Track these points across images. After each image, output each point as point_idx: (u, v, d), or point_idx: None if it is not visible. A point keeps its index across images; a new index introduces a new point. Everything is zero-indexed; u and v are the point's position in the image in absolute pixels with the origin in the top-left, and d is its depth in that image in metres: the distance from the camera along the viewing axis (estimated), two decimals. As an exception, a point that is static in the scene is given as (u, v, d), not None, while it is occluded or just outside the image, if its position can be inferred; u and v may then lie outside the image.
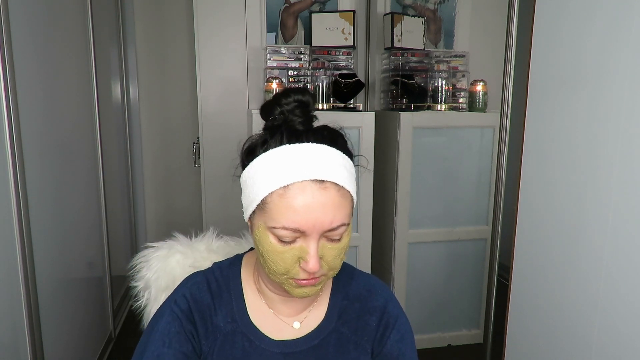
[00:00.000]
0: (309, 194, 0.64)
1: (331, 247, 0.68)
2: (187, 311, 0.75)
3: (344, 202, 0.67)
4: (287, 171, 0.65)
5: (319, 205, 0.64)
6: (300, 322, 0.78)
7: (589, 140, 1.12)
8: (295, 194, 0.64)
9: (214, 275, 0.79)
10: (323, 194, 0.65)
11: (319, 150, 0.67)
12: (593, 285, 1.11)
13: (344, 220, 0.67)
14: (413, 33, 2.31)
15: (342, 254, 0.70)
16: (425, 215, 2.19)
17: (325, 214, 0.65)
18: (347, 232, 0.70)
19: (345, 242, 0.70)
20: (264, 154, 0.68)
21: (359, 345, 0.78)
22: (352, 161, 0.73)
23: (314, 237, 0.66)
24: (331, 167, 0.66)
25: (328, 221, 0.65)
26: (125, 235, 2.79)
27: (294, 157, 0.66)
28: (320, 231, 0.66)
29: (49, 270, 1.51)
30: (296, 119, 0.69)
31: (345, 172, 0.68)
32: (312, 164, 0.65)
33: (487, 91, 2.22)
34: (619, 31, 1.03)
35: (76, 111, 1.89)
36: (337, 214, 0.66)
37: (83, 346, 1.87)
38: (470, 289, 2.31)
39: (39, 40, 1.50)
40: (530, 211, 1.34)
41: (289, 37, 2.45)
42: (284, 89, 0.73)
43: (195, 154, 2.55)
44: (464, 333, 2.33)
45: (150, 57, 2.92)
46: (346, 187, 0.67)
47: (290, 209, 0.64)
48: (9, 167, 1.24)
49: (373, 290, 0.82)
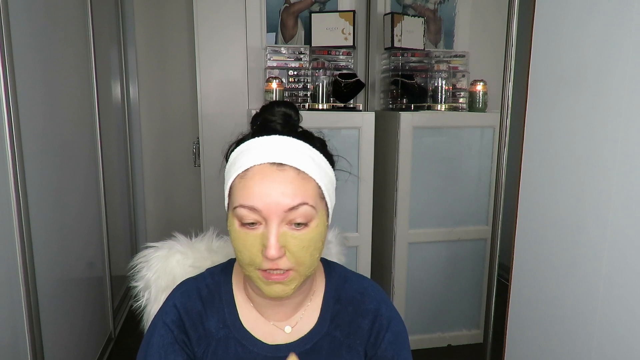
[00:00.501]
0: (266, 175, 0.66)
1: (294, 236, 0.66)
2: (178, 321, 0.75)
3: (306, 184, 0.67)
4: (250, 157, 0.68)
5: (276, 185, 0.65)
6: (292, 327, 0.78)
7: (588, 140, 1.12)
8: (252, 174, 0.66)
9: (204, 282, 0.79)
10: (281, 175, 0.66)
11: (285, 140, 0.69)
12: (593, 286, 1.11)
13: (306, 199, 0.66)
14: (413, 33, 2.31)
15: (309, 246, 0.68)
16: (425, 215, 2.19)
17: (283, 193, 0.65)
18: (316, 224, 0.68)
19: (313, 234, 0.68)
20: (239, 147, 0.72)
21: (351, 348, 0.78)
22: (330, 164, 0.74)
23: (274, 221, 0.65)
24: (293, 154, 0.67)
25: (287, 200, 0.65)
26: (125, 235, 2.80)
27: (259, 145, 0.69)
28: (279, 213, 0.65)
29: (49, 270, 1.51)
30: (276, 120, 0.72)
31: (311, 162, 0.69)
32: (274, 149, 0.67)
33: (487, 91, 2.22)
34: (619, 31, 1.03)
35: (76, 111, 1.89)
36: (298, 193, 0.66)
37: (83, 346, 1.87)
38: (470, 289, 2.31)
39: (39, 40, 1.50)
40: (530, 211, 1.34)
41: (289, 37, 2.45)
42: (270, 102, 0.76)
43: (195, 154, 2.56)
44: (464, 333, 2.33)
45: (150, 57, 2.92)
46: (309, 173, 0.68)
47: (246, 188, 0.66)
48: (9, 167, 1.24)
49: (366, 293, 0.81)
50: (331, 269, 0.84)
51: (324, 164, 0.72)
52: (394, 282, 2.19)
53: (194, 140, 2.63)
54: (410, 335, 0.98)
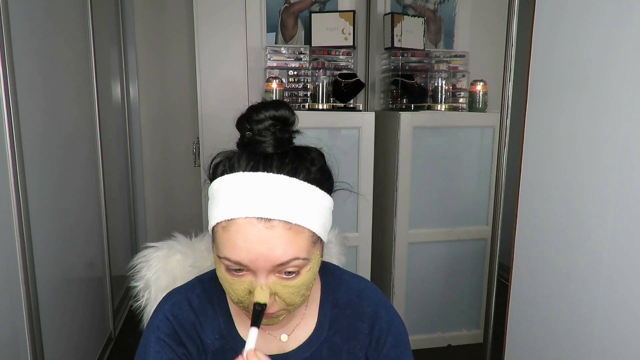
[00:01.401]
0: (252, 231, 0.60)
1: (285, 285, 0.63)
2: (174, 334, 0.72)
3: (296, 238, 0.62)
4: (233, 205, 0.62)
5: (264, 242, 0.60)
6: (288, 335, 0.75)
7: (588, 140, 1.12)
8: (237, 229, 0.61)
9: (194, 292, 0.76)
10: (268, 232, 0.60)
11: (274, 183, 0.61)
12: (593, 285, 1.11)
13: (298, 254, 0.62)
14: (413, 33, 2.31)
15: (301, 290, 0.65)
16: (425, 215, 2.19)
17: (271, 249, 0.60)
18: (308, 268, 0.65)
19: (304, 280, 0.64)
20: (221, 178, 0.64)
21: (351, 353, 0.76)
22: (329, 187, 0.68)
23: (262, 273, 0.62)
24: (282, 203, 0.61)
25: (276, 256, 0.61)
26: (125, 235, 2.79)
27: (245, 188, 0.62)
28: (268, 267, 0.61)
29: (49, 270, 1.51)
30: (266, 140, 0.63)
31: (303, 207, 0.63)
32: (260, 199, 0.61)
33: (487, 91, 2.22)
34: (619, 31, 1.02)
35: (76, 111, 1.89)
36: (288, 249, 0.61)
37: (83, 346, 1.87)
38: (470, 289, 2.31)
39: (39, 40, 1.50)
40: (530, 211, 1.34)
41: (289, 37, 2.45)
42: (259, 102, 0.66)
43: (195, 154, 2.56)
44: (464, 333, 2.33)
45: (150, 57, 2.92)
46: (300, 224, 0.62)
47: (230, 242, 0.61)
48: (9, 167, 1.24)
49: (363, 296, 0.79)
50: (327, 271, 0.81)
51: (319, 199, 0.65)
52: (394, 282, 2.19)
53: (194, 140, 2.64)
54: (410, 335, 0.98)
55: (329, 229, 0.70)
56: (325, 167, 0.68)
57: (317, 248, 0.67)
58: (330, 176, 0.69)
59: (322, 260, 0.83)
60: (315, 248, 0.66)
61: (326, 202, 0.67)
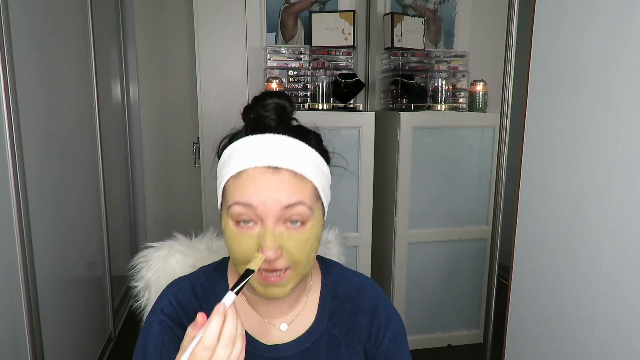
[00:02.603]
0: (261, 176, 0.64)
1: (290, 236, 0.65)
2: (176, 318, 0.73)
3: (302, 185, 0.66)
4: (243, 158, 0.66)
5: (272, 186, 0.64)
6: (288, 324, 0.76)
7: (588, 140, 1.12)
8: (247, 176, 0.65)
9: (198, 280, 0.77)
10: (276, 177, 0.64)
11: (280, 140, 0.67)
12: (593, 285, 1.11)
13: (303, 199, 0.65)
14: (413, 33, 2.31)
15: (306, 246, 0.66)
16: (425, 215, 2.19)
17: (279, 191, 0.64)
18: (312, 224, 0.67)
19: (309, 234, 0.67)
20: (230, 146, 0.69)
21: (350, 346, 0.77)
22: (325, 160, 0.72)
23: (270, 220, 0.64)
24: (289, 155, 0.66)
25: (284, 197, 0.63)
26: (125, 235, 2.79)
27: (253, 146, 0.66)
28: (276, 211, 0.63)
29: (49, 270, 1.51)
30: (269, 115, 0.69)
31: (308, 162, 0.67)
32: (268, 151, 0.65)
33: (487, 91, 2.22)
34: (619, 31, 1.02)
35: (76, 111, 1.89)
36: (295, 192, 0.64)
37: (83, 346, 1.87)
38: (470, 289, 2.31)
39: (39, 40, 1.50)
40: (530, 211, 1.34)
41: (289, 37, 2.45)
42: (262, 92, 0.73)
43: (195, 153, 2.56)
44: (464, 333, 2.33)
45: (150, 57, 2.92)
46: (305, 175, 0.66)
47: (240, 187, 0.65)
48: (9, 167, 1.24)
49: (363, 290, 0.80)
50: (327, 266, 0.83)
51: (319, 162, 0.70)
52: (394, 282, 2.19)
53: (194, 140, 2.63)
54: (410, 335, 0.98)
55: (328, 200, 0.73)
56: (322, 143, 0.73)
57: (319, 206, 0.69)
58: (327, 152, 0.74)
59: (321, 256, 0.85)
60: (318, 205, 0.69)
61: (325, 169, 0.71)
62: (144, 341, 0.72)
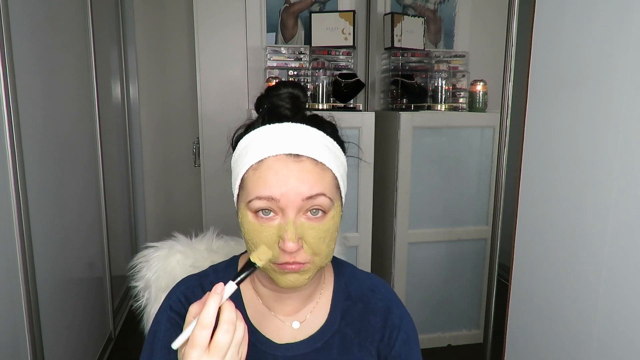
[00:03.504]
0: (282, 165, 0.63)
1: (311, 227, 0.64)
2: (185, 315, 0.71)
3: (323, 175, 0.65)
4: (263, 147, 0.65)
5: (294, 175, 0.63)
6: (300, 322, 0.75)
7: (588, 140, 1.12)
8: (268, 166, 0.64)
9: (209, 279, 0.77)
10: (298, 166, 0.63)
11: (299, 129, 0.66)
12: (593, 285, 1.11)
13: (325, 190, 0.64)
14: (413, 33, 2.31)
15: (326, 237, 0.66)
16: (425, 215, 2.19)
17: (301, 181, 0.63)
18: (332, 214, 0.66)
19: (330, 225, 0.66)
20: (246, 136, 0.68)
21: (362, 347, 0.76)
22: (342, 149, 0.72)
23: (292, 211, 0.63)
24: (309, 144, 0.65)
25: (305, 188, 0.63)
26: (125, 235, 2.80)
27: (272, 134, 0.66)
28: (297, 202, 0.63)
29: (49, 270, 1.51)
30: (284, 104, 0.68)
31: (327, 151, 0.67)
32: (289, 139, 0.65)
33: (487, 91, 2.22)
34: (619, 31, 1.03)
35: (76, 111, 1.89)
36: (317, 183, 0.64)
37: (83, 346, 1.87)
38: (470, 289, 2.31)
39: (39, 40, 1.50)
40: (530, 211, 1.34)
41: (289, 37, 2.45)
42: (276, 83, 0.73)
43: (195, 153, 2.56)
44: (464, 333, 2.33)
45: (150, 57, 2.92)
46: (326, 164, 0.66)
47: (262, 179, 0.63)
48: (9, 167, 1.24)
49: (376, 290, 0.80)
50: (340, 265, 0.82)
51: (338, 151, 0.70)
52: (394, 282, 2.19)
53: (194, 140, 2.63)
54: (410, 335, 0.98)
55: (346, 190, 0.73)
56: (337, 132, 0.73)
57: (338, 197, 0.69)
58: (343, 142, 0.74)
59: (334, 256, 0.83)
60: (337, 196, 0.68)
61: (343, 159, 0.71)
62: (152, 338, 0.73)
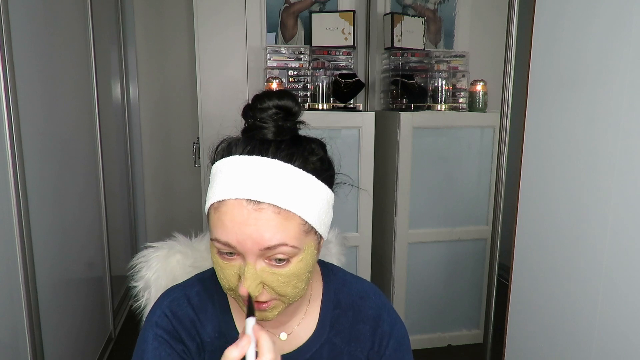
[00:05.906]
0: (241, 212, 0.60)
1: (273, 273, 0.61)
2: (172, 331, 0.71)
3: (286, 223, 0.61)
4: (226, 186, 0.62)
5: (251, 224, 0.59)
6: (288, 334, 0.74)
7: (588, 140, 1.12)
8: (226, 210, 0.61)
9: (194, 289, 0.75)
10: (257, 214, 0.59)
11: (269, 167, 0.61)
12: (593, 285, 1.11)
13: (286, 240, 0.60)
14: (413, 33, 2.31)
15: (291, 281, 0.63)
16: (425, 215, 2.19)
17: (259, 232, 0.59)
18: (300, 258, 0.63)
19: (295, 269, 0.62)
20: (218, 162, 0.65)
21: (352, 356, 0.74)
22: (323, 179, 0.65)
23: (250, 257, 0.61)
24: (275, 188, 0.60)
25: (264, 239, 0.59)
26: (125, 235, 2.79)
27: (238, 171, 0.62)
28: (256, 250, 0.60)
29: (49, 270, 1.51)
30: (268, 126, 0.63)
31: (296, 195, 0.61)
32: (253, 182, 0.60)
33: (487, 91, 2.22)
34: (619, 31, 1.03)
35: (76, 111, 1.89)
36: (277, 233, 0.60)
37: (83, 346, 1.87)
38: (470, 289, 2.31)
39: (39, 40, 1.50)
40: (530, 211, 1.34)
41: (289, 37, 2.45)
42: (263, 91, 0.66)
43: (195, 154, 2.56)
44: (464, 333, 2.33)
45: (150, 57, 2.92)
46: (291, 210, 0.61)
47: (220, 222, 0.61)
48: (9, 167, 1.24)
49: (366, 297, 0.78)
50: (330, 272, 0.80)
51: (315, 188, 0.64)
52: (394, 282, 2.19)
53: (194, 140, 2.64)
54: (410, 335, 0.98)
55: (328, 223, 0.68)
56: (324, 158, 0.67)
57: (310, 239, 0.64)
58: (330, 167, 0.68)
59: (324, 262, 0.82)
60: (309, 239, 0.64)
61: (323, 194, 0.66)
62: (142, 354, 0.70)
